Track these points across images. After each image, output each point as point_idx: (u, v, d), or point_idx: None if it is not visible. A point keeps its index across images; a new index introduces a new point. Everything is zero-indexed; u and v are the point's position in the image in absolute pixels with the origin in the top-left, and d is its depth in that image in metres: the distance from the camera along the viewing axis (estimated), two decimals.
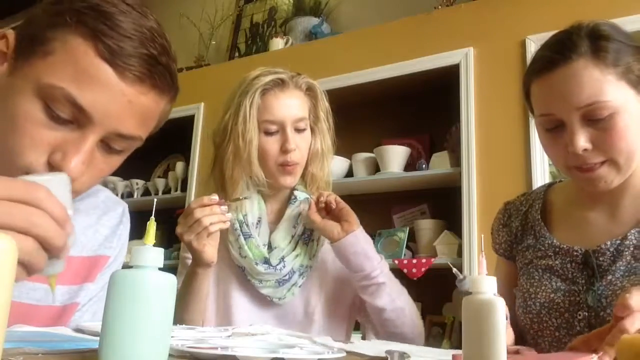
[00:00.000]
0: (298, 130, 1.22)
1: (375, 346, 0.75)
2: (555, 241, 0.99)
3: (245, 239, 1.21)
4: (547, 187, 1.11)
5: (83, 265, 0.91)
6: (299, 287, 1.21)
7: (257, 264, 1.18)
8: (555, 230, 1.02)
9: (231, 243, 1.22)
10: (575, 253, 0.95)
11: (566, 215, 1.04)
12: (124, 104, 0.69)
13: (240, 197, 1.20)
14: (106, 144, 0.72)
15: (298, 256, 1.21)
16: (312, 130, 1.28)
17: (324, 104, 1.29)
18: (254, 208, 1.25)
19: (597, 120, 0.86)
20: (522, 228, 1.07)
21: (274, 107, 1.20)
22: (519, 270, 1.05)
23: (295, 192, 1.27)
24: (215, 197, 1.09)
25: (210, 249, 1.09)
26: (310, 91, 1.27)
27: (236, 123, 1.19)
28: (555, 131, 0.91)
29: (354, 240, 1.15)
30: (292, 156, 1.20)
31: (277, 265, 1.19)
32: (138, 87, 0.69)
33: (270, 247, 1.22)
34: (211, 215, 1.06)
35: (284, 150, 1.20)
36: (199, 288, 1.14)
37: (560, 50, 0.89)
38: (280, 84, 1.22)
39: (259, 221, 1.24)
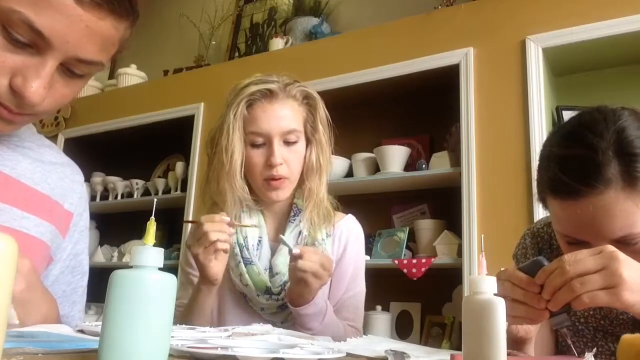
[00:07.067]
0: (288, 143, 1.18)
1: (374, 346, 0.75)
2: None
3: (245, 265, 1.17)
4: None
5: (41, 200, 0.87)
6: None
7: (259, 295, 1.16)
8: None
9: (232, 268, 1.19)
10: None
11: None
12: (82, 29, 0.69)
13: (250, 225, 1.17)
14: (67, 69, 0.73)
15: None
16: (309, 141, 1.22)
17: (323, 114, 1.23)
18: (254, 228, 1.21)
19: (627, 244, 0.81)
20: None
21: (260, 119, 1.16)
22: None
23: (293, 207, 1.22)
24: (227, 218, 1.06)
25: (215, 265, 1.06)
26: (307, 99, 1.22)
27: (221, 136, 1.17)
28: (579, 246, 0.84)
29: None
30: (278, 170, 1.16)
31: (279, 294, 1.16)
32: (96, 13, 0.70)
33: (271, 271, 1.18)
34: (219, 232, 1.04)
35: (269, 164, 1.16)
36: (202, 304, 1.11)
37: (585, 179, 0.80)
38: (268, 94, 1.17)
39: (259, 242, 1.21)
